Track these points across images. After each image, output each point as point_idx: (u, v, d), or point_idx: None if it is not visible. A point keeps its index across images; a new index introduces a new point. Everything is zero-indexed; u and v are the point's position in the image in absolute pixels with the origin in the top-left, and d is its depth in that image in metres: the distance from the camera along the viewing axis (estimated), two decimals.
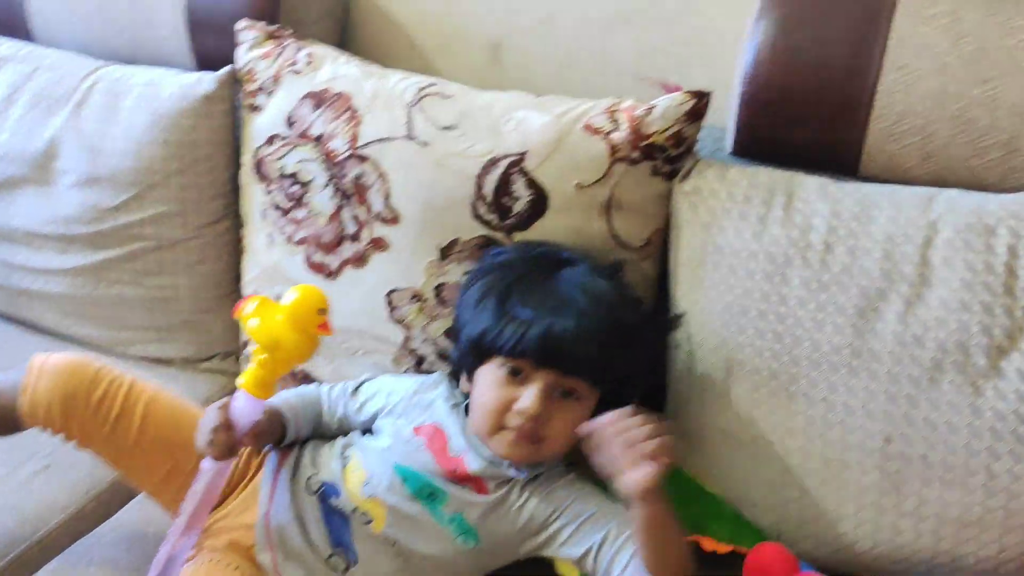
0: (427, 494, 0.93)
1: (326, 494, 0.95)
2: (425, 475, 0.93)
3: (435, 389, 1.00)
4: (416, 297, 1.08)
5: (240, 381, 0.88)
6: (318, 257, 1.14)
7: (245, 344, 1.27)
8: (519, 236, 1.03)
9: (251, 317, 0.87)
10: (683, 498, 0.93)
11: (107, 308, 1.32)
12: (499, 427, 0.91)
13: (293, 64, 1.16)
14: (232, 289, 1.29)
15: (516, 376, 0.90)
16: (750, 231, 0.98)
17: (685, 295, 1.03)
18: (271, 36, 1.20)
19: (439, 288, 1.07)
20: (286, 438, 0.98)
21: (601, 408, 0.89)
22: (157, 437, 0.96)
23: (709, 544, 0.96)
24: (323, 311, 0.86)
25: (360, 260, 1.11)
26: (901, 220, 0.94)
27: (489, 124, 1.05)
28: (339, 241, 1.12)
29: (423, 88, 1.10)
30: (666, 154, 1.01)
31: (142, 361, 1.33)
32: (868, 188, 0.99)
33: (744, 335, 0.98)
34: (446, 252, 1.06)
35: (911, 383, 0.91)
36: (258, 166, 1.19)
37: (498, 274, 0.96)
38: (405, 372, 1.12)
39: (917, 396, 0.91)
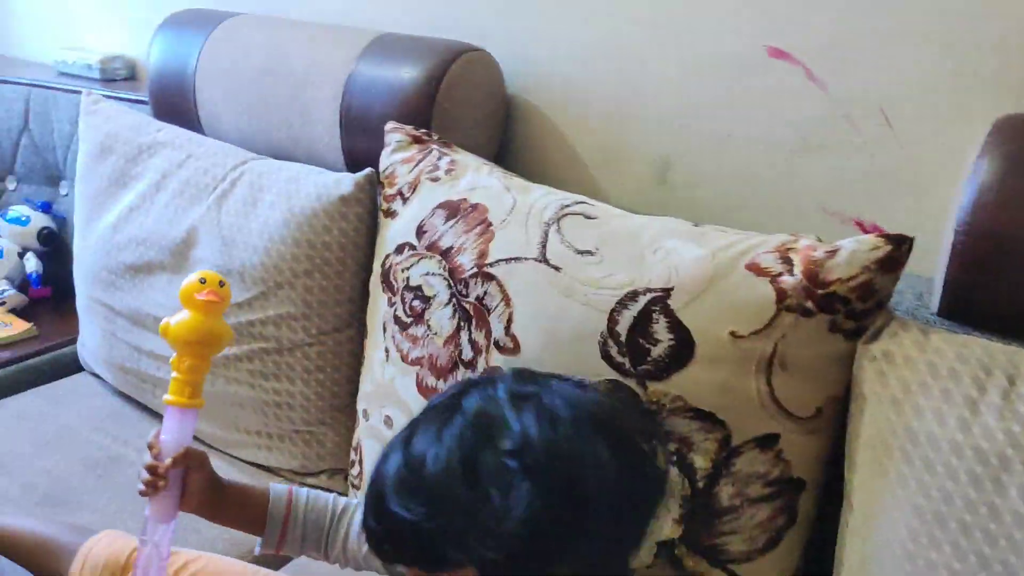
0: None
1: None
2: None
3: None
4: None
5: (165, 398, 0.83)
6: (430, 381, 1.01)
7: (353, 463, 1.15)
8: (655, 387, 0.86)
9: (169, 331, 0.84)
10: None
11: (222, 407, 1.25)
12: None
13: (433, 171, 1.07)
14: (349, 402, 1.19)
15: None
16: (955, 418, 0.75)
17: (863, 484, 0.81)
18: (416, 140, 1.12)
19: None
20: (268, 526, 0.85)
21: None
22: None
23: None
24: (203, 280, 0.83)
25: None
26: None
27: (634, 253, 0.89)
28: (453, 366, 0.99)
29: (566, 206, 0.96)
30: (849, 307, 0.81)
31: (249, 467, 1.25)
32: None
33: (939, 552, 0.74)
34: None
35: None
36: (386, 275, 1.09)
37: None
38: None
39: None
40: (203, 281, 0.82)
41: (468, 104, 1.20)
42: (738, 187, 1.12)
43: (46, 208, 1.70)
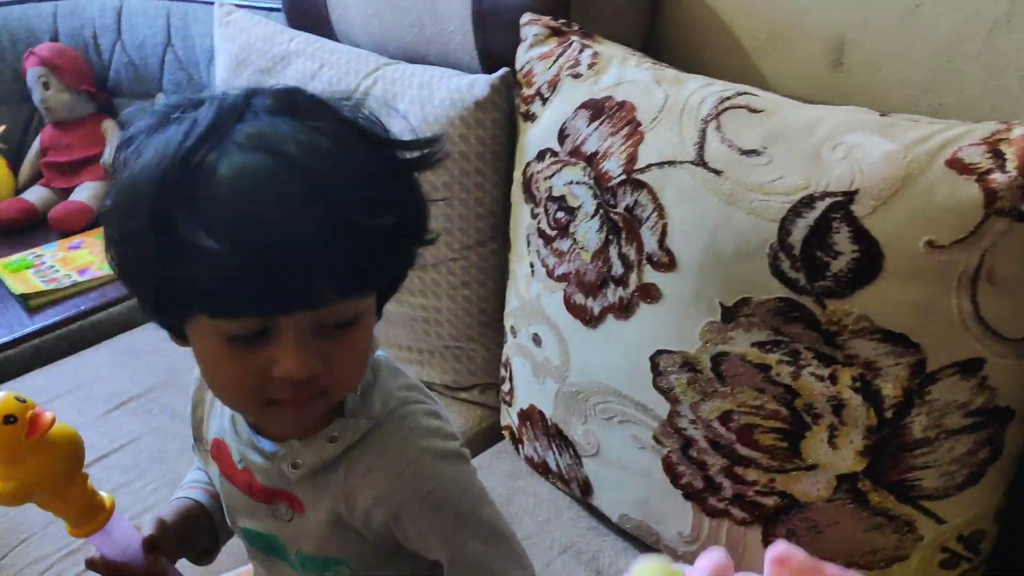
0: (267, 548, 0.72)
1: None
2: (252, 525, 0.71)
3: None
4: (688, 365, 0.84)
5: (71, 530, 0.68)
6: (579, 298, 0.94)
7: (504, 379, 1.12)
8: (835, 306, 0.75)
9: None
10: None
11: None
12: (264, 404, 0.61)
13: (575, 65, 0.97)
14: (496, 318, 1.14)
15: (250, 341, 0.57)
16: None
17: None
18: (555, 32, 1.02)
19: (718, 358, 0.82)
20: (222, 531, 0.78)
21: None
22: None
23: None
24: (9, 419, 0.60)
25: (625, 310, 0.89)
26: None
27: (808, 150, 0.77)
28: (603, 283, 0.91)
29: (727, 98, 0.85)
30: None
31: None
32: None
33: None
34: (731, 314, 0.81)
35: None
36: (527, 184, 1.01)
37: (146, 164, 0.57)
38: (667, 455, 0.89)
39: None
40: (11, 420, 0.60)
41: None
42: (929, 67, 0.96)
43: None
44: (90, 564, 0.70)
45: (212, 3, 1.61)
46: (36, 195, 1.76)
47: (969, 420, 0.74)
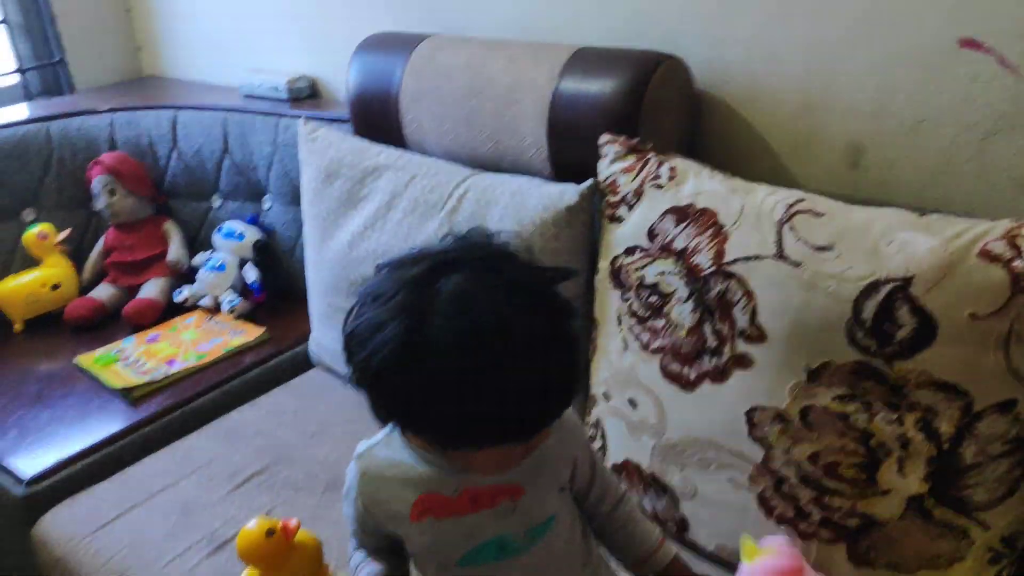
0: (497, 551, 0.89)
1: None
2: (476, 541, 0.89)
3: (377, 469, 0.91)
4: (779, 418, 1.06)
5: None
6: (675, 367, 1.15)
7: (593, 437, 1.30)
8: (900, 365, 0.98)
9: None
10: None
11: None
12: None
13: (656, 179, 1.20)
14: (581, 389, 1.34)
15: None
16: None
17: None
18: (633, 150, 1.25)
19: (805, 410, 1.04)
20: None
21: None
22: None
23: None
24: (271, 532, 0.79)
25: (720, 375, 1.11)
26: None
27: (868, 246, 1.01)
28: (698, 354, 1.13)
29: (792, 205, 1.08)
30: None
31: None
32: None
33: None
34: (815, 375, 1.03)
35: None
36: (615, 274, 1.23)
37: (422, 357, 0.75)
38: (762, 492, 1.09)
39: None
40: (270, 532, 0.80)
41: (667, 107, 1.32)
42: (932, 169, 1.22)
43: (254, 221, 1.88)
44: None
45: (270, 115, 1.80)
46: (103, 292, 1.90)
47: (1007, 447, 0.98)
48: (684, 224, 1.15)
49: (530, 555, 0.90)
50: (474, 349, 0.73)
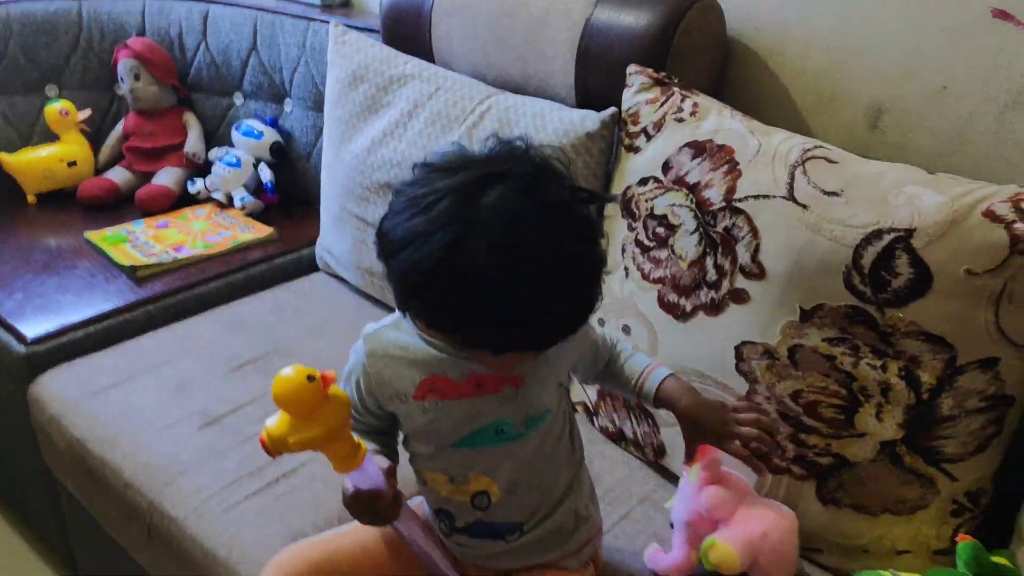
0: (494, 436, 0.92)
1: (452, 524, 0.98)
2: (476, 424, 0.92)
3: (384, 348, 0.93)
4: (768, 354, 1.09)
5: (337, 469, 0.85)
6: (672, 297, 1.18)
7: None
8: (892, 313, 1.01)
9: (283, 446, 0.80)
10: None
11: None
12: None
13: (678, 112, 1.21)
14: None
15: None
16: None
17: None
18: (658, 83, 1.26)
19: (794, 349, 1.07)
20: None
21: None
22: None
23: None
24: (311, 378, 0.77)
25: (715, 308, 1.13)
26: None
27: (876, 196, 1.03)
28: (697, 286, 1.15)
29: (808, 150, 1.10)
30: None
31: None
32: None
33: None
34: (808, 315, 1.06)
35: None
36: (627, 203, 1.25)
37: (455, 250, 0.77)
38: None
39: None
40: (310, 379, 0.76)
41: (698, 48, 1.33)
42: (948, 136, 1.23)
43: (273, 123, 1.89)
44: (353, 497, 0.88)
45: (302, 18, 1.81)
46: (118, 176, 1.92)
47: (983, 403, 1.01)
48: (700, 158, 1.17)
49: (523, 444, 0.93)
50: (516, 268, 0.76)
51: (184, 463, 1.25)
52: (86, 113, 1.94)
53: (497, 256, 0.76)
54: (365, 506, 0.88)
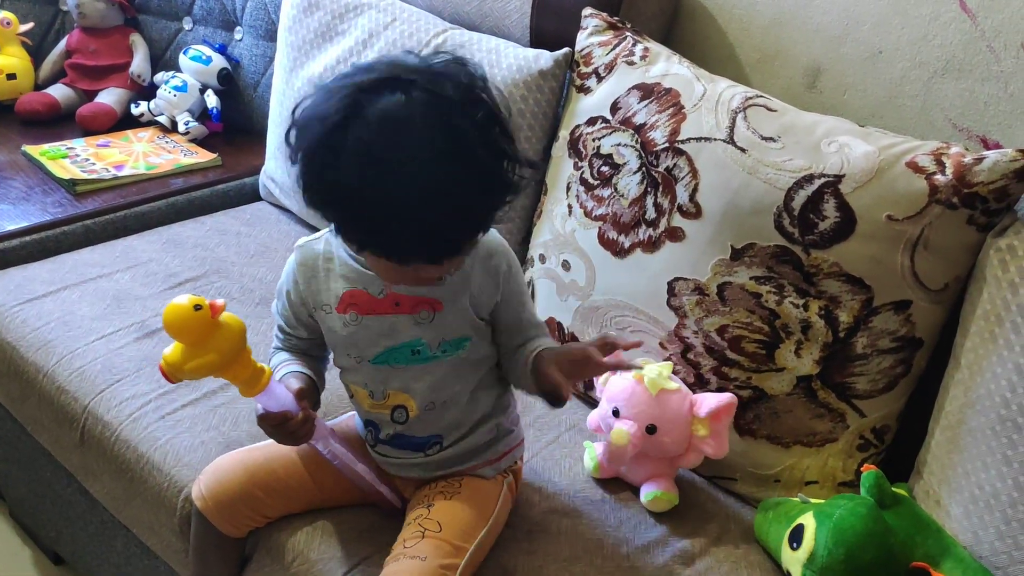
0: (409, 355, 0.95)
1: (377, 435, 1.02)
2: (391, 341, 0.95)
3: (313, 260, 0.97)
4: (698, 290, 1.14)
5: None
6: (612, 234, 1.22)
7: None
8: (817, 254, 1.07)
9: (180, 372, 0.84)
10: (920, 530, 0.98)
11: None
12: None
13: (629, 55, 1.25)
14: (517, 251, 1.40)
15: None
16: None
17: (973, 348, 1.02)
18: (612, 26, 1.30)
19: (723, 285, 1.13)
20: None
21: None
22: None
23: None
24: (198, 307, 0.80)
25: (652, 245, 1.18)
26: None
27: (810, 143, 1.09)
28: (636, 224, 1.20)
29: (750, 98, 1.15)
30: (986, 206, 1.02)
31: None
32: None
33: None
34: (739, 254, 1.11)
35: None
36: (574, 142, 1.29)
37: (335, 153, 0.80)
38: (668, 358, 1.18)
39: None
40: (197, 307, 0.79)
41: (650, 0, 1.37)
42: (879, 98, 1.30)
43: (222, 50, 1.87)
44: (262, 418, 0.91)
45: None
46: (59, 92, 1.88)
47: (894, 344, 1.08)
48: (648, 100, 1.21)
49: (438, 366, 0.97)
50: (372, 168, 0.78)
51: (120, 371, 1.25)
52: (28, 26, 1.89)
53: (362, 155, 0.78)
54: (275, 427, 0.92)
